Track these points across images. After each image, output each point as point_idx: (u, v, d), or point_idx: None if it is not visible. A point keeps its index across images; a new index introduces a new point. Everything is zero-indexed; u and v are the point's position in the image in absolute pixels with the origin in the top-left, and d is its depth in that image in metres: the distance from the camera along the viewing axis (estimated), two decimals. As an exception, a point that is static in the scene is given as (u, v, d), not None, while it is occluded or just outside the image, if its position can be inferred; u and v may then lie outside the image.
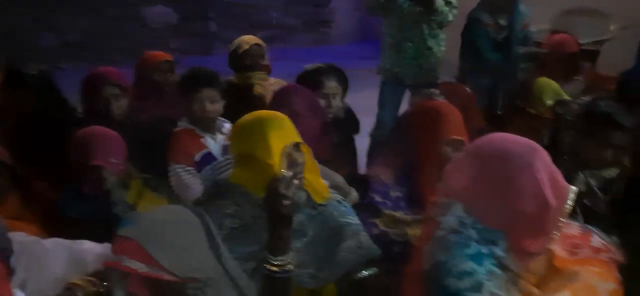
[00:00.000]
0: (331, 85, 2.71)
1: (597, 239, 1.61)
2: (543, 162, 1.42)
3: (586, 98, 3.51)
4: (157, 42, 5.77)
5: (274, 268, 1.50)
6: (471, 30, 3.11)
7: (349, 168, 2.67)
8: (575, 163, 2.13)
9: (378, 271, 1.89)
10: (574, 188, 1.45)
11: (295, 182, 1.48)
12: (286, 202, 1.46)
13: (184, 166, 2.52)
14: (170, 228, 1.35)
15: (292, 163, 1.53)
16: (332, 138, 2.55)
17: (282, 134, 1.69)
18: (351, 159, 3.01)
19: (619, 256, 1.55)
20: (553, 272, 1.51)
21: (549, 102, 2.69)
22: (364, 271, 1.86)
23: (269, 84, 3.16)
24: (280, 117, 1.77)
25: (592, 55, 4.30)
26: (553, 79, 3.42)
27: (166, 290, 1.32)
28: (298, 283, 1.72)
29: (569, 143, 2.17)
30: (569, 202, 1.43)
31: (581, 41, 4.30)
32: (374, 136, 3.63)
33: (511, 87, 2.87)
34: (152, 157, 2.47)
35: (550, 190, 1.40)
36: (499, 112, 2.86)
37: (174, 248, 1.33)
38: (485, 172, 1.42)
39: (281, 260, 1.50)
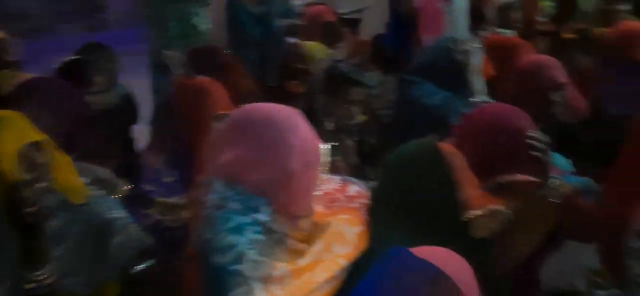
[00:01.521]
0: (97, 71, 2.53)
1: (353, 188, 1.75)
2: (304, 125, 1.49)
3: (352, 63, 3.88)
4: None
5: (32, 286, 1.37)
6: (232, 5, 3.16)
7: (122, 159, 2.55)
8: (327, 120, 2.32)
9: (156, 261, 1.84)
10: (327, 146, 1.56)
11: (39, 185, 1.35)
12: (31, 210, 1.33)
13: None
14: None
15: (31, 166, 1.40)
16: (100, 130, 2.39)
17: (15, 135, 1.52)
18: (127, 149, 2.88)
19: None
20: (314, 227, 1.60)
21: (317, 62, 2.85)
22: (140, 264, 1.80)
23: (20, 81, 2.83)
24: (10, 116, 1.58)
25: (353, 22, 4.69)
26: (318, 47, 3.68)
27: None
28: (71, 293, 1.61)
29: (321, 104, 2.35)
30: (326, 160, 1.54)
31: (342, 10, 4.68)
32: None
33: (277, 59, 2.99)
34: None
35: (310, 149, 1.47)
36: (270, 85, 2.97)
37: None
38: (251, 139, 1.45)
39: (39, 275, 1.38)
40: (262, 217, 1.45)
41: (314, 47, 3.11)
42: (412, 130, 2.53)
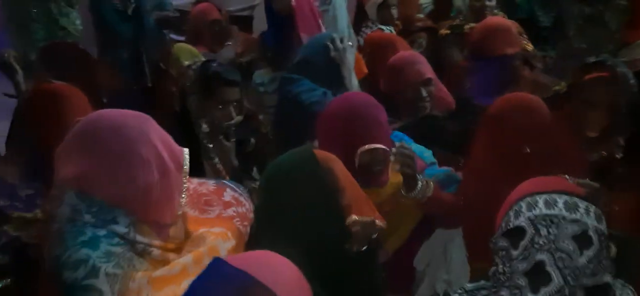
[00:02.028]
0: None
1: (229, 193, 1.71)
2: (156, 130, 1.44)
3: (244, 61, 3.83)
4: None
5: None
6: (97, 4, 2.99)
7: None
8: (203, 122, 2.27)
9: (12, 280, 1.72)
10: (186, 149, 1.51)
11: None
12: None
13: None
14: None
15: None
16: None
17: None
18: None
19: (249, 205, 1.65)
20: (188, 236, 1.55)
21: (187, 63, 2.79)
22: (-5, 285, 1.67)
23: None
24: None
25: (244, 20, 4.64)
26: (205, 46, 3.60)
27: None
28: None
29: (195, 105, 2.30)
30: (185, 164, 1.50)
31: (232, 8, 4.60)
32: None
33: (151, 58, 2.89)
34: None
35: (167, 156, 1.43)
36: (142, 86, 2.86)
37: None
38: (99, 150, 1.38)
39: None
40: (120, 228, 1.39)
41: (183, 48, 3.04)
42: (293, 127, 2.57)
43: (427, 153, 2.08)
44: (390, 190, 1.97)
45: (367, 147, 1.84)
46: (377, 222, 1.57)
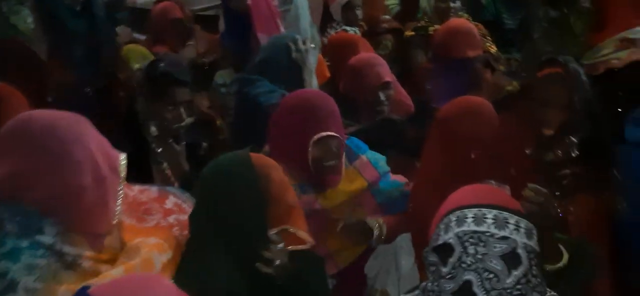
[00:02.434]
0: None
1: (172, 200, 1.65)
2: (91, 132, 1.36)
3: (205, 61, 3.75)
4: None
5: None
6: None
7: None
8: (152, 125, 2.19)
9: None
10: (123, 154, 1.44)
11: None
12: None
13: None
14: None
15: None
16: None
17: None
18: None
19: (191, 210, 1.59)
20: (123, 248, 1.48)
21: (137, 66, 2.71)
22: None
23: None
24: None
25: (209, 19, 4.54)
26: (166, 46, 3.51)
27: None
28: None
29: (143, 107, 2.22)
30: (122, 169, 1.42)
31: (196, 7, 4.51)
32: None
33: (104, 57, 2.79)
34: None
35: (102, 160, 1.35)
36: (93, 86, 2.76)
37: None
38: (30, 152, 1.30)
39: None
40: (46, 238, 1.30)
41: (133, 50, 2.95)
42: (250, 130, 2.50)
43: (381, 162, 2.04)
44: (342, 197, 1.93)
45: (320, 135, 1.82)
46: (306, 240, 1.53)
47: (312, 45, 2.55)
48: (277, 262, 1.47)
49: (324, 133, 1.84)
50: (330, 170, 1.89)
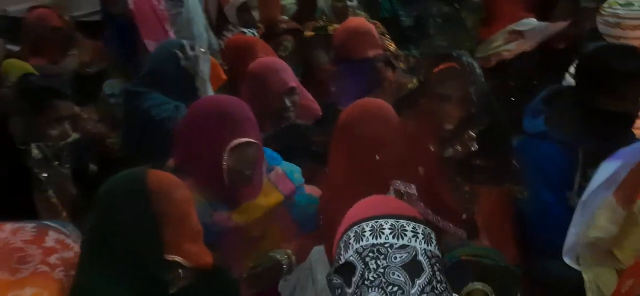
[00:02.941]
0: None
1: (53, 236, 1.44)
2: None
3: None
4: None
5: None
6: None
7: None
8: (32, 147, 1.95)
9: None
10: None
11: None
12: None
13: None
14: None
15: None
16: None
17: None
18: None
19: (76, 245, 1.41)
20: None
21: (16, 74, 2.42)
22: None
23: None
24: None
25: (95, 26, 4.19)
26: (45, 57, 3.17)
27: None
28: None
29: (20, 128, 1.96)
30: None
31: (78, 13, 4.14)
32: None
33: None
34: None
35: None
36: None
37: None
38: None
39: None
40: None
41: (14, 65, 2.64)
42: (144, 147, 2.30)
43: (297, 173, 1.94)
44: (258, 212, 1.82)
45: (236, 142, 1.71)
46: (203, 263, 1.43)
47: (203, 50, 2.37)
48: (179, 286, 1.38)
49: (242, 140, 1.72)
50: (248, 181, 1.78)
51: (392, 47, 3.15)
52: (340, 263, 1.16)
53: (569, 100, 2.12)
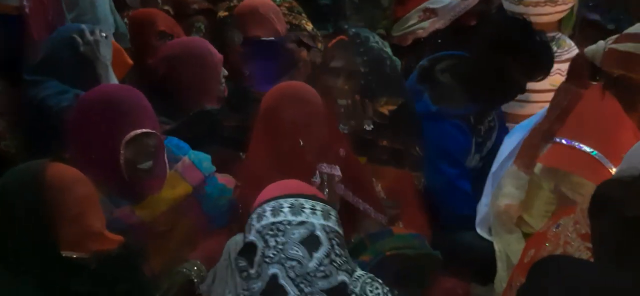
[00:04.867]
0: None
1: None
2: None
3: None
4: None
5: None
6: None
7: None
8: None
9: None
10: None
11: None
12: None
13: None
14: None
15: None
16: None
17: None
18: None
19: None
20: None
21: None
22: None
23: None
24: None
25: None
26: None
27: None
28: None
29: None
30: None
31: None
32: None
33: None
34: None
35: None
36: None
37: None
38: None
39: None
40: None
41: None
42: (40, 139, 2.14)
43: (206, 162, 1.86)
44: (164, 205, 1.74)
45: (132, 133, 1.63)
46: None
47: (104, 34, 2.22)
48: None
49: (137, 131, 1.64)
50: (149, 173, 1.70)
51: (309, 26, 3.10)
52: (243, 245, 1.19)
53: (453, 72, 2.21)
